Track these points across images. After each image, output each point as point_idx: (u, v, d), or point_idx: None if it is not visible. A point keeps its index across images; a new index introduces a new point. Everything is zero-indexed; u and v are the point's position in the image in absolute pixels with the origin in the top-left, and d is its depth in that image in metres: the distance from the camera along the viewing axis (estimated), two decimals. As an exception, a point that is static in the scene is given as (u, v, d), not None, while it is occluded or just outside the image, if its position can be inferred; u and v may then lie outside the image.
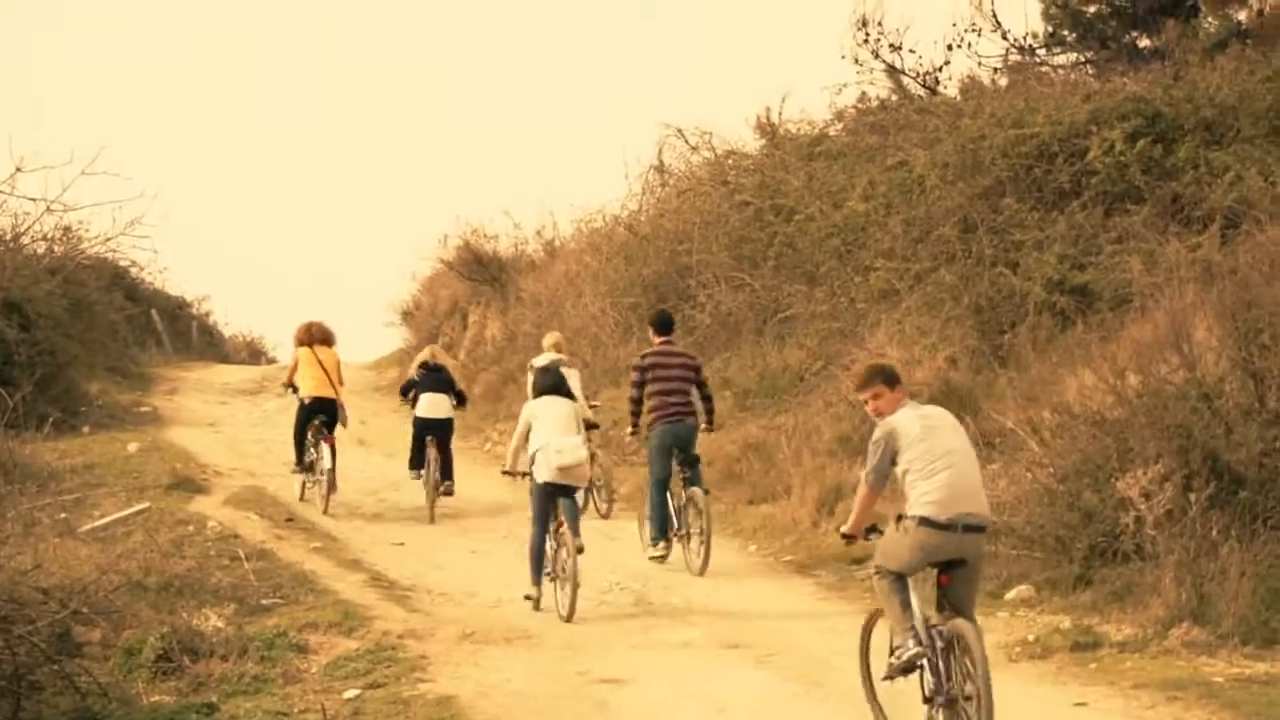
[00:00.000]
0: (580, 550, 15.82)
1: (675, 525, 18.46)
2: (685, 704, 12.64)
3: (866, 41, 29.79)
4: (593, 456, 19.51)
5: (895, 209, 23.70)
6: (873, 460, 11.21)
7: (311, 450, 22.09)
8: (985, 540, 11.30)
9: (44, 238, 31.22)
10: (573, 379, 19.37)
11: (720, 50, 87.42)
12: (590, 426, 20.59)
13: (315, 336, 22.51)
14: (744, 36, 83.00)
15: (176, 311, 44.96)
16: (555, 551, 16.20)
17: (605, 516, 21.61)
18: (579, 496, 17.11)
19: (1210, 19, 27.24)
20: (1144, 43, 28.32)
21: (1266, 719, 11.47)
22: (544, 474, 16.20)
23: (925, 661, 10.80)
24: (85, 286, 31.97)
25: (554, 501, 16.21)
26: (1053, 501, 15.82)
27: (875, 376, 11.51)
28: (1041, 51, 29.68)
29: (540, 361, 20.43)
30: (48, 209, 29.31)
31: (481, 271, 36.08)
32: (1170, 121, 22.01)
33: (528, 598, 16.35)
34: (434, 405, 22.35)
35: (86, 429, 26.57)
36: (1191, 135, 21.71)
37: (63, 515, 19.04)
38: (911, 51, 29.94)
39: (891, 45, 29.76)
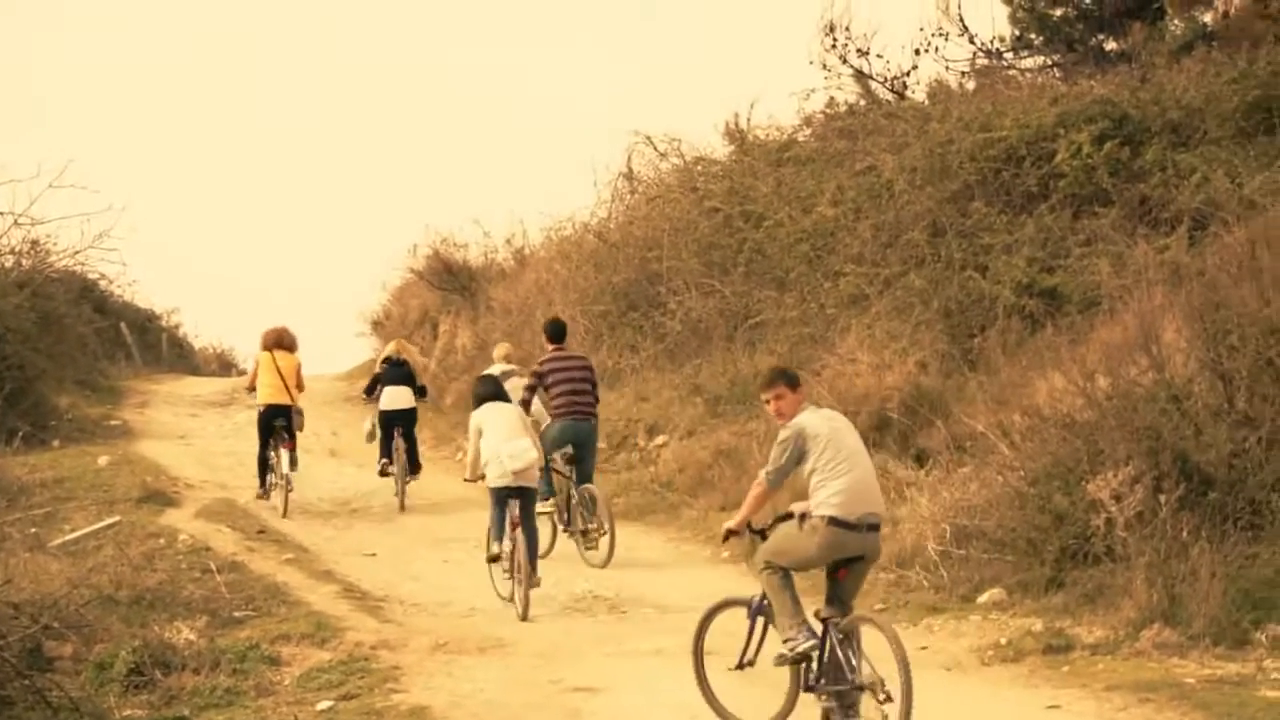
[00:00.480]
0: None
1: (567, 521, 19.31)
2: (658, 711, 12.63)
3: (834, 47, 29.82)
4: None
5: (864, 214, 23.73)
6: (778, 460, 11.64)
7: (272, 454, 22.52)
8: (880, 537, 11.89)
9: (12, 251, 31.18)
10: (523, 388, 19.99)
11: (688, 57, 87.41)
12: None
13: (276, 342, 22.97)
14: (712, 43, 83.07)
15: (146, 324, 44.77)
16: (513, 552, 16.74)
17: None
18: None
19: (1176, 21, 27.31)
20: (1110, 45, 28.38)
21: (1238, 719, 11.50)
22: (498, 479, 16.81)
23: (814, 653, 11.41)
24: (54, 300, 31.87)
25: (508, 504, 16.76)
26: (1023, 504, 15.84)
27: (779, 378, 11.95)
28: (1009, 55, 29.73)
29: (492, 372, 20.53)
30: (15, 222, 29.32)
31: (451, 280, 36.01)
32: (1137, 124, 22.08)
33: (504, 599, 16.95)
34: (397, 397, 23.30)
35: (56, 443, 26.47)
36: (1158, 137, 21.78)
37: (33, 530, 19.02)
38: (879, 56, 29.97)
39: (859, 50, 29.78)
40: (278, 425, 22.49)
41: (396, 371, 23.58)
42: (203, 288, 76.79)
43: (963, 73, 29.61)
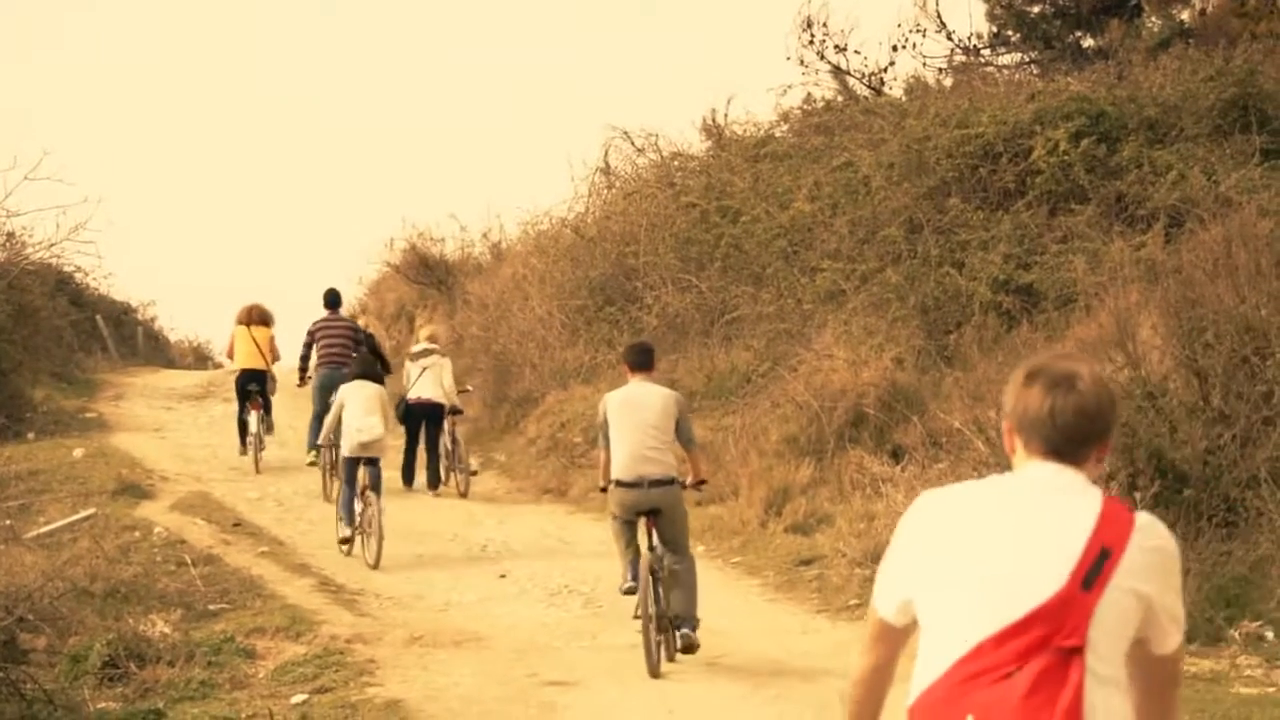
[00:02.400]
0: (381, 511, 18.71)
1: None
2: (633, 705, 12.65)
3: (812, 43, 29.93)
4: (453, 438, 23.55)
5: (841, 210, 23.77)
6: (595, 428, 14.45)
7: (248, 416, 24.85)
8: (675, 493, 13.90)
9: (-13, 244, 31.05)
10: (444, 368, 23.23)
11: (666, 52, 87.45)
12: (454, 411, 23.53)
13: (253, 317, 25.17)
14: (689, 38, 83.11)
15: (122, 317, 44.69)
16: (363, 510, 18.90)
17: (464, 495, 23.33)
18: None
19: (1153, 19, 27.42)
20: (1088, 42, 28.49)
21: (1211, 716, 11.53)
22: (349, 449, 19.21)
23: (648, 593, 13.40)
24: (29, 292, 31.74)
25: (358, 469, 19.01)
26: (999, 501, 15.85)
27: (623, 356, 14.77)
28: (986, 52, 29.84)
29: (416, 349, 23.66)
30: (-10, 215, 29.14)
31: (428, 275, 36.04)
32: (1114, 121, 22.13)
33: (343, 542, 19.27)
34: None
35: (31, 435, 26.43)
36: (1135, 135, 21.83)
37: (8, 522, 18.94)
38: (856, 53, 30.11)
39: (836, 46, 29.91)
40: (251, 389, 24.70)
41: (369, 342, 24.76)
42: (179, 281, 76.74)
43: (940, 69, 29.74)
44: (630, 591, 13.86)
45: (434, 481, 23.27)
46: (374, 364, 20.75)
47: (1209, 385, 15.26)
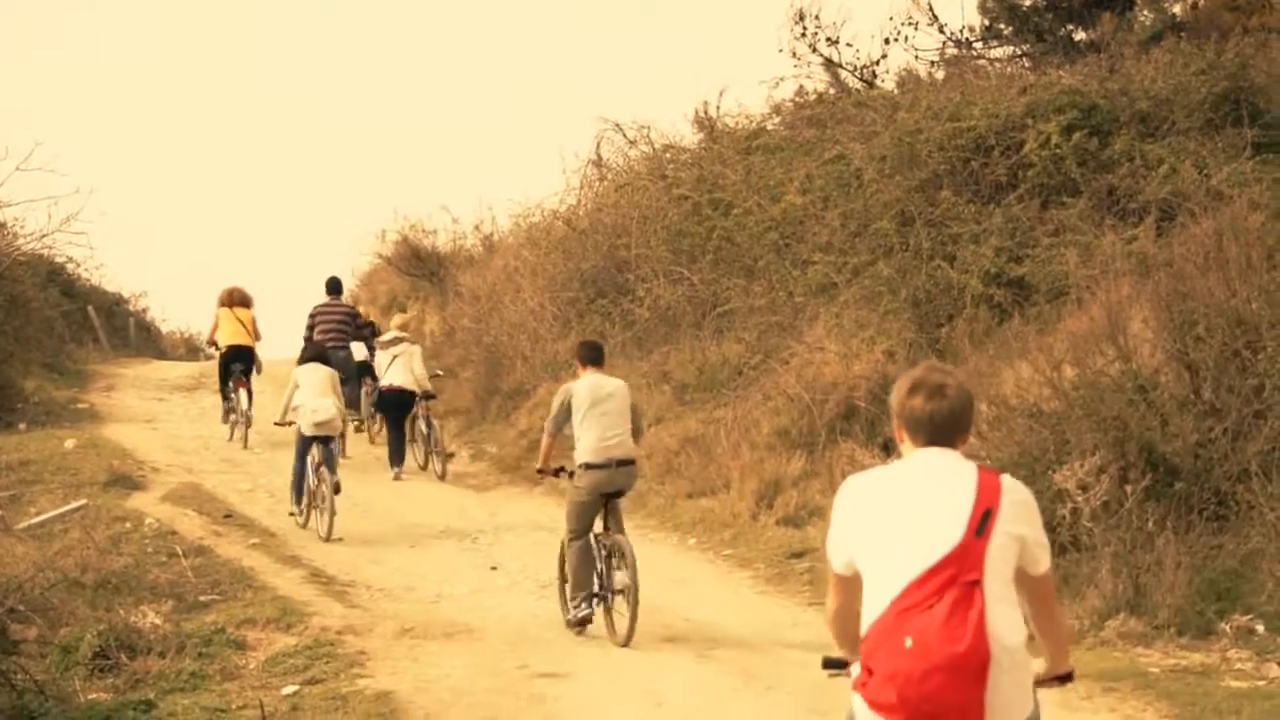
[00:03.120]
0: (337, 489, 19.88)
1: None
2: (623, 698, 12.66)
3: (804, 35, 29.88)
4: (428, 423, 24.59)
5: (833, 202, 23.74)
6: (552, 414, 15.47)
7: (232, 396, 26.39)
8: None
9: (-22, 234, 31.01)
10: (414, 355, 24.45)
11: (658, 44, 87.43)
12: (427, 396, 24.60)
13: (234, 299, 26.64)
14: (682, 31, 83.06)
15: (113, 308, 44.68)
16: (316, 487, 20.03)
17: (441, 478, 24.18)
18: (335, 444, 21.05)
19: (1145, 12, 27.40)
20: (1080, 36, 28.44)
21: (1201, 709, 11.55)
22: (304, 427, 20.37)
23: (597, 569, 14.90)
24: (21, 283, 31.70)
25: (311, 447, 20.23)
26: (990, 494, 15.86)
27: (576, 353, 16.16)
28: (978, 45, 29.79)
29: (386, 338, 24.81)
30: (-18, 205, 29.08)
31: (420, 266, 36.03)
32: (1106, 114, 22.11)
33: (291, 514, 20.64)
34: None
35: (23, 426, 26.40)
36: (1127, 128, 21.80)
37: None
38: (849, 45, 30.09)
39: (829, 39, 29.85)
40: (236, 369, 26.17)
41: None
42: (171, 272, 76.67)
43: (932, 62, 29.68)
44: (584, 621, 14.94)
45: (397, 461, 24.29)
46: (324, 349, 22.67)
47: (1200, 379, 15.27)
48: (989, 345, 19.61)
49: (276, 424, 21.50)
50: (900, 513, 5.99)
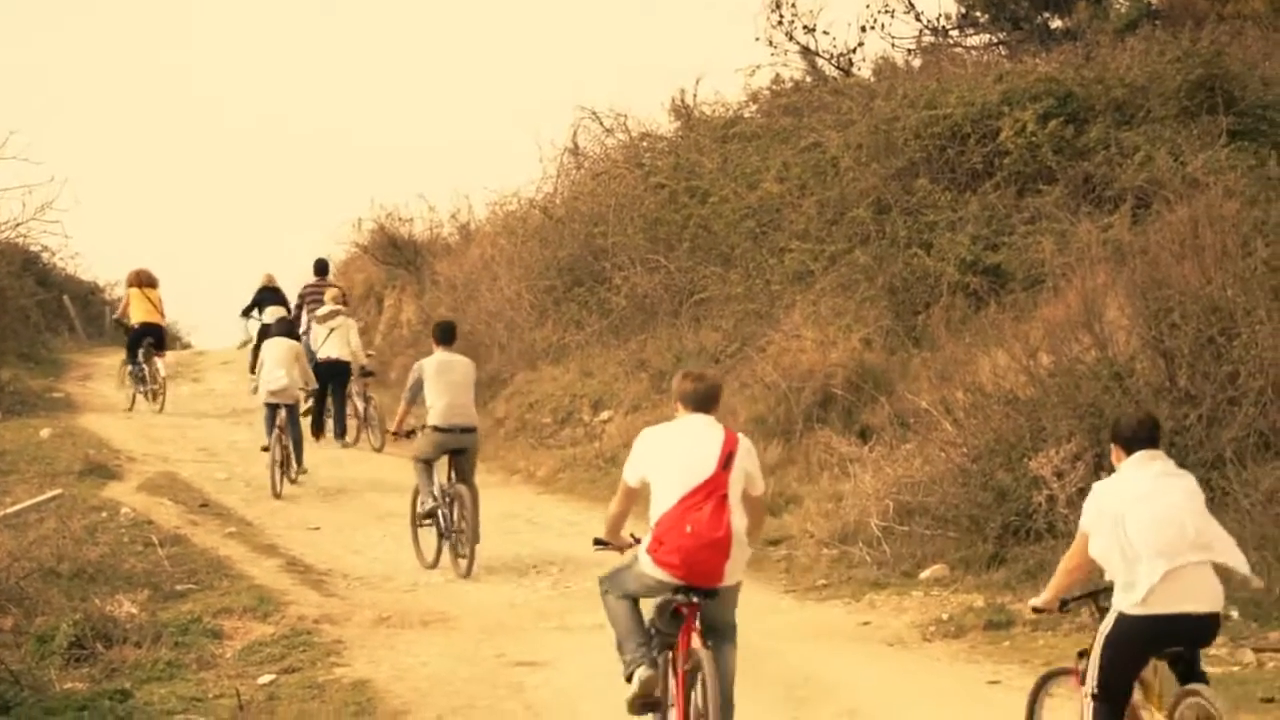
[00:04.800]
0: (299, 461, 22.54)
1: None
2: (600, 685, 12.61)
3: (780, 23, 29.88)
4: (365, 398, 26.12)
5: (809, 190, 23.73)
6: (407, 385, 17.87)
7: (144, 366, 28.19)
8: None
9: (-47, 224, 30.94)
10: (350, 328, 25.88)
11: (635, 32, 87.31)
12: (366, 374, 26.37)
13: (143, 280, 28.66)
14: (658, 19, 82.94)
15: (89, 297, 44.52)
16: (280, 447, 21.96)
17: (379, 450, 25.12)
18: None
19: (1120, 0, 27.43)
20: (1056, 24, 28.50)
21: (1172, 692, 11.57)
22: (263, 395, 22.68)
23: (440, 511, 17.48)
24: (-5, 272, 31.71)
25: (275, 412, 22.23)
26: (966, 481, 15.92)
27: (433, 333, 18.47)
28: (954, 33, 29.85)
29: (322, 312, 26.06)
30: (-44, 195, 29.06)
31: (396, 255, 35.91)
32: (1081, 102, 22.14)
33: (264, 449, 22.42)
34: (276, 315, 27.42)
35: (-2, 415, 26.35)
36: (1102, 116, 21.84)
37: (-26, 502, 18.88)
38: (825, 33, 30.05)
39: (805, 27, 29.86)
40: (148, 343, 28.00)
41: (274, 296, 28.93)
42: (146, 261, 76.27)
43: (909, 50, 29.73)
44: (432, 512, 17.62)
45: (340, 433, 25.93)
46: (293, 325, 24.87)
47: (1175, 366, 15.31)
48: (965, 333, 19.63)
49: (254, 393, 24.52)
50: (679, 451, 9.83)
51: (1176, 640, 8.97)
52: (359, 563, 18.00)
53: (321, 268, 28.82)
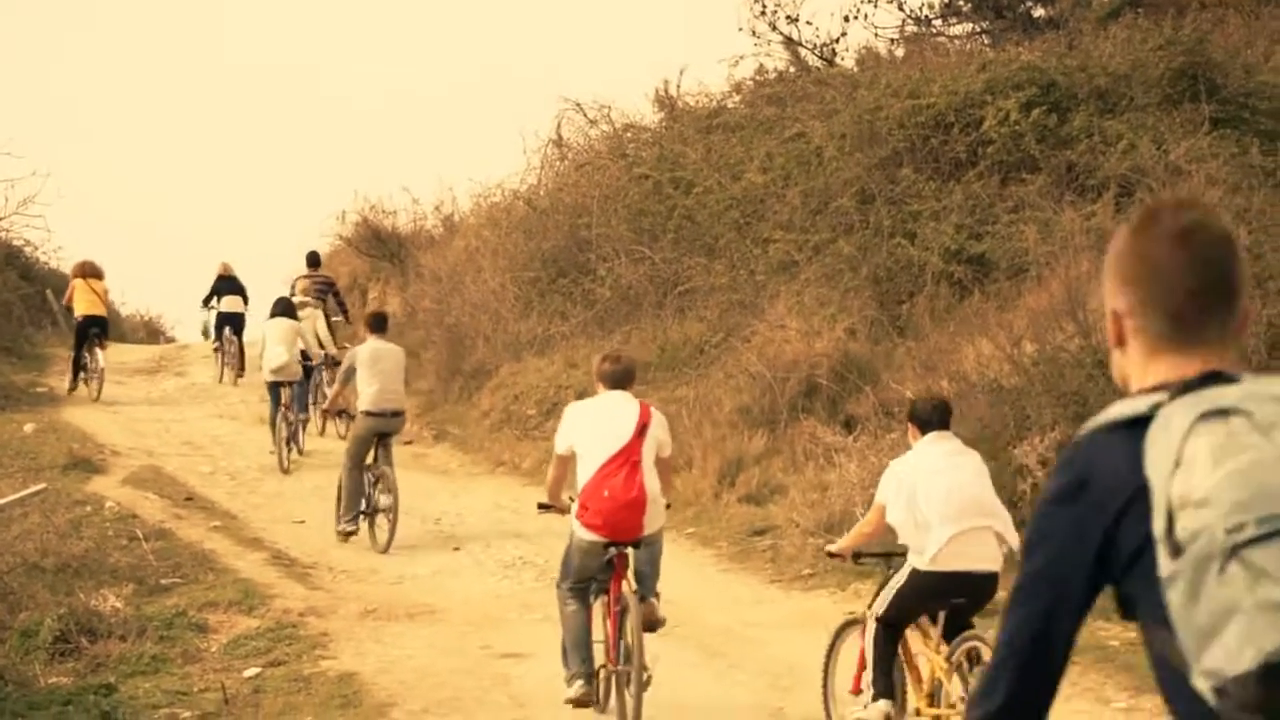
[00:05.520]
0: (307, 421, 24.64)
1: None
2: (587, 677, 12.65)
3: (764, 14, 29.92)
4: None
5: (793, 180, 23.74)
6: (341, 369, 19.47)
7: (86, 355, 28.59)
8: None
9: (-65, 219, 30.90)
10: (319, 319, 26.68)
11: (618, 23, 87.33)
12: (334, 364, 25.22)
13: (87, 271, 29.19)
14: (641, 9, 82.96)
15: (72, 291, 44.42)
16: (285, 425, 23.05)
17: (343, 437, 23.88)
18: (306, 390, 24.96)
19: (1103, -12, 27.45)
20: (1038, 12, 28.54)
21: (1147, 679, 11.58)
22: (266, 374, 23.63)
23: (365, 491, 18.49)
24: (-22, 267, 31.66)
25: (279, 391, 23.18)
26: (952, 470, 15.91)
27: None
28: (938, 22, 29.87)
29: (297, 300, 26.38)
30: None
31: (380, 247, 35.93)
32: (1064, 91, 22.16)
33: (268, 420, 23.85)
34: (232, 303, 31.15)
35: (-19, 410, 26.30)
36: (1085, 104, 21.86)
37: (-42, 498, 18.84)
38: (808, 23, 30.12)
39: (788, 17, 29.89)
40: (93, 333, 28.39)
41: (232, 284, 31.19)
42: (130, 255, 76.34)
43: (892, 40, 29.77)
44: (350, 533, 18.43)
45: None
46: (291, 305, 24.97)
47: (1159, 354, 15.29)
48: (950, 322, 19.66)
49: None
50: (600, 422, 11.20)
51: (959, 594, 10.21)
52: (344, 556, 17.99)
53: (313, 260, 28.98)
